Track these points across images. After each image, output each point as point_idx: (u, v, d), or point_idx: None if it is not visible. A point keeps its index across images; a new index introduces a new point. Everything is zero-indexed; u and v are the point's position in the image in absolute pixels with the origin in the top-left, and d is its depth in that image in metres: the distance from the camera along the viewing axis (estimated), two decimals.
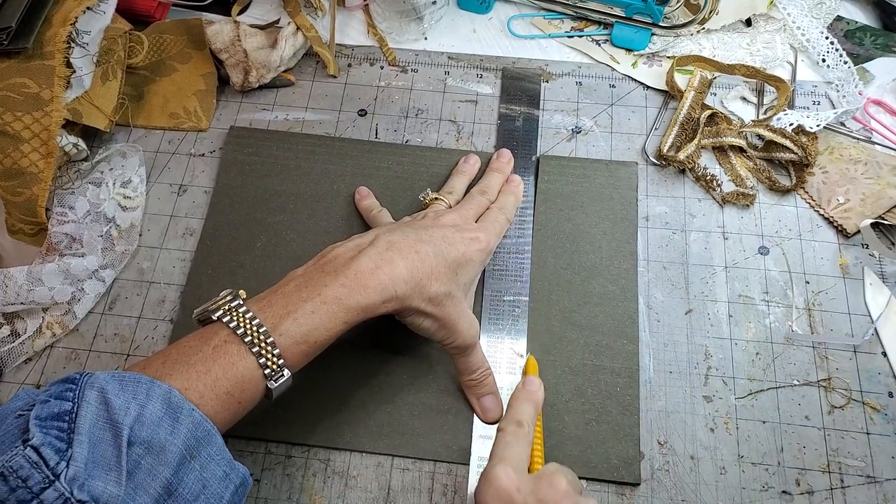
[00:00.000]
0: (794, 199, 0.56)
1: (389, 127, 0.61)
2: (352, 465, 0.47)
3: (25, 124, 0.51)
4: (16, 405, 0.34)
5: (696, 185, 0.57)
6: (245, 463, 0.46)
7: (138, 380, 0.35)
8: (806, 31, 0.63)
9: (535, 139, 0.59)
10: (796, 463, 0.46)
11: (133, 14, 0.62)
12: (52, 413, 0.33)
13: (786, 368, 0.49)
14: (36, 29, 0.52)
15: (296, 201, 0.56)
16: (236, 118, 0.61)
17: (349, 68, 0.64)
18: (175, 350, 0.38)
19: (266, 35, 0.62)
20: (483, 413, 0.48)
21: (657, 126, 0.60)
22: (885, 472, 0.46)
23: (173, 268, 0.54)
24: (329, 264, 0.42)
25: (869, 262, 0.53)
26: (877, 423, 0.48)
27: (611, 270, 0.53)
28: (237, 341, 0.38)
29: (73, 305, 0.52)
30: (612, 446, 0.47)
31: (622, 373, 0.49)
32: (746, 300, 0.52)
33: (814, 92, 0.61)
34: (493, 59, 0.64)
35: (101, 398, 0.34)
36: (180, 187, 0.58)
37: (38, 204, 0.52)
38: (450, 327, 0.44)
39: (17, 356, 0.51)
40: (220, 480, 0.36)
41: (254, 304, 0.40)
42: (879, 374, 0.49)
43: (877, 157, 0.56)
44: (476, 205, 0.52)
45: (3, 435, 0.32)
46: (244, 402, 0.38)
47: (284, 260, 0.54)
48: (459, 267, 0.45)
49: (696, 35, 0.64)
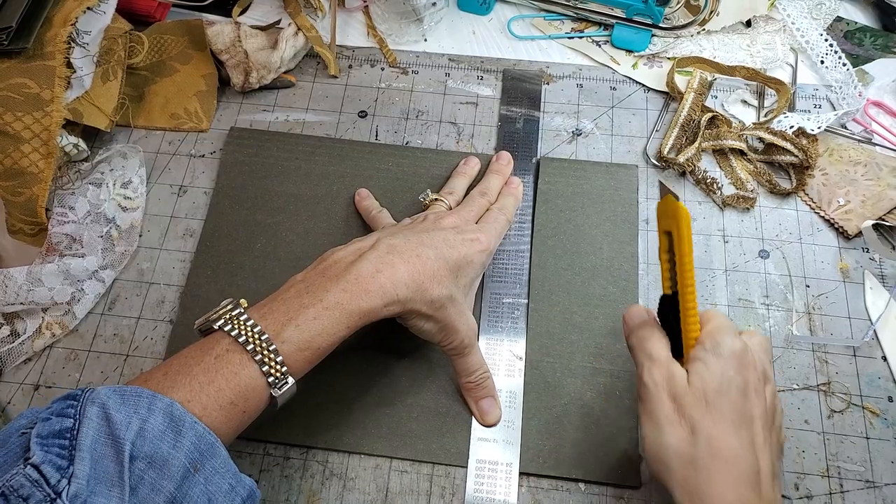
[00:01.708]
0: (795, 202, 0.56)
1: (390, 128, 0.61)
2: (350, 467, 0.47)
3: (26, 124, 0.51)
4: (20, 424, 0.34)
5: (697, 188, 0.57)
6: (243, 464, 0.47)
7: (140, 394, 0.35)
8: (805, 33, 0.63)
9: (535, 141, 0.59)
10: (795, 467, 0.46)
11: (133, 14, 0.62)
12: (54, 430, 0.32)
13: (785, 372, 0.49)
14: (36, 29, 0.52)
15: (296, 202, 0.56)
16: (237, 119, 0.61)
17: (350, 69, 0.64)
18: (177, 361, 0.38)
19: (267, 36, 0.62)
20: (481, 416, 0.48)
21: (658, 128, 0.60)
22: (884, 477, 0.46)
23: (173, 268, 0.54)
24: (330, 269, 0.42)
25: (869, 266, 0.53)
26: (876, 427, 0.47)
27: (611, 272, 0.53)
28: (239, 350, 0.37)
29: (72, 306, 0.52)
30: (611, 448, 0.47)
31: (622, 375, 0.49)
32: (746, 304, 0.52)
33: (815, 95, 0.61)
34: (494, 60, 0.64)
35: (103, 414, 0.33)
36: (180, 188, 0.58)
37: (39, 204, 0.52)
38: (449, 329, 0.44)
39: (16, 356, 0.51)
40: (225, 493, 0.35)
41: (255, 311, 0.40)
42: (879, 379, 0.49)
43: (876, 158, 0.56)
44: (476, 206, 0.52)
45: (7, 454, 0.32)
46: (248, 412, 0.38)
47: (284, 261, 0.54)
48: (460, 269, 0.45)
49: (696, 36, 0.64)
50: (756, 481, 0.35)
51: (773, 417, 0.38)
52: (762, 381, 0.37)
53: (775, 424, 0.38)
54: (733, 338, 0.37)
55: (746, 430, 0.36)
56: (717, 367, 0.36)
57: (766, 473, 0.35)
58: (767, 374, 0.38)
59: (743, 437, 0.35)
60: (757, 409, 0.36)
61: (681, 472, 0.35)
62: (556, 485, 0.46)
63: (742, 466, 0.35)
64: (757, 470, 0.35)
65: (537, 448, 0.47)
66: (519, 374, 0.49)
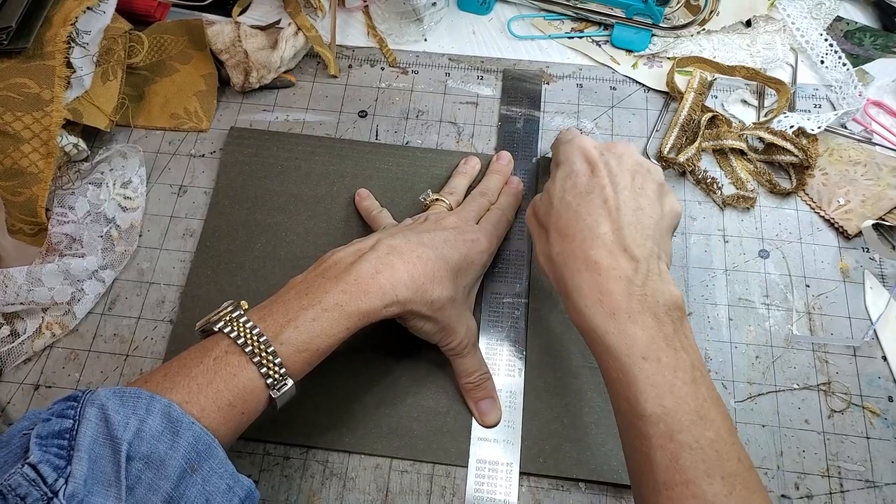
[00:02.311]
0: (795, 202, 0.56)
1: (390, 128, 0.61)
2: (350, 467, 0.47)
3: (26, 124, 0.51)
4: (22, 425, 0.34)
5: (697, 188, 0.57)
6: (243, 464, 0.47)
7: (138, 395, 0.35)
8: (805, 33, 0.63)
9: (535, 141, 0.59)
10: (795, 467, 0.46)
11: (133, 14, 0.62)
12: (53, 431, 0.33)
13: (786, 372, 0.49)
14: (36, 29, 0.52)
15: (296, 202, 0.56)
16: (237, 119, 0.61)
17: (350, 69, 0.64)
18: (176, 363, 0.38)
19: (267, 36, 0.62)
20: (481, 416, 0.48)
21: (658, 128, 0.60)
22: (884, 477, 0.46)
23: (173, 268, 0.54)
24: (329, 270, 0.42)
25: (869, 266, 0.53)
26: (876, 427, 0.47)
27: None
28: (238, 352, 0.38)
29: (72, 306, 0.52)
30: (611, 448, 0.47)
31: None
32: (746, 303, 0.52)
33: (815, 95, 0.61)
34: (494, 60, 0.64)
35: (101, 414, 0.33)
36: (180, 188, 0.58)
37: (39, 204, 0.52)
38: (449, 330, 0.44)
39: (16, 356, 0.51)
40: (223, 494, 0.35)
41: (255, 313, 0.40)
42: (879, 379, 0.49)
43: (876, 158, 0.56)
44: (477, 206, 0.52)
45: (8, 454, 0.33)
46: (247, 413, 0.38)
47: (284, 261, 0.54)
48: (461, 270, 0.45)
49: (696, 36, 0.64)
50: (614, 249, 0.39)
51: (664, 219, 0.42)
52: (611, 175, 0.42)
53: (664, 220, 0.42)
54: (580, 159, 0.43)
55: (588, 206, 0.41)
56: (559, 176, 0.44)
57: (628, 237, 0.39)
58: (635, 169, 0.43)
59: (587, 212, 0.40)
60: (597, 197, 0.41)
61: (553, 273, 0.41)
62: (557, 484, 0.46)
63: (589, 237, 0.39)
64: (612, 239, 0.39)
65: (537, 448, 0.47)
66: (519, 374, 0.49)
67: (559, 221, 0.41)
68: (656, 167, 0.44)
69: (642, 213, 0.40)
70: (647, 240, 0.39)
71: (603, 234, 0.39)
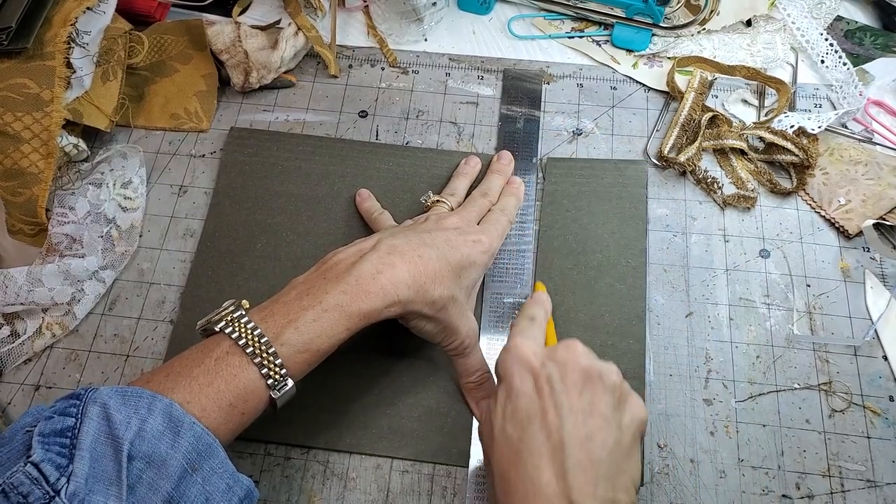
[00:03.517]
0: (796, 201, 0.56)
1: (390, 128, 0.61)
2: (351, 467, 0.47)
3: (26, 124, 0.51)
4: (25, 422, 0.34)
5: (697, 188, 0.57)
6: (243, 464, 0.47)
7: (140, 394, 0.35)
8: (805, 32, 0.63)
9: (536, 141, 0.59)
10: (796, 467, 0.46)
11: (133, 14, 0.62)
12: (55, 429, 0.33)
13: (786, 372, 0.49)
14: (36, 29, 0.52)
15: (296, 202, 0.56)
16: (237, 119, 0.61)
17: (350, 69, 0.64)
18: (178, 363, 0.38)
19: (267, 36, 0.62)
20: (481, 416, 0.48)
21: (658, 128, 0.60)
22: (885, 477, 0.46)
23: (173, 269, 0.54)
24: (330, 271, 0.42)
25: (870, 265, 0.53)
26: (877, 427, 0.47)
27: (618, 269, 0.53)
28: (239, 352, 0.38)
29: (72, 306, 0.52)
30: None
31: (627, 373, 0.49)
32: (747, 303, 0.52)
33: (815, 94, 0.61)
34: (494, 60, 0.64)
35: (103, 413, 0.34)
36: (180, 188, 0.58)
37: (39, 204, 0.52)
38: (450, 330, 0.44)
39: (16, 357, 0.51)
40: (223, 493, 0.36)
41: (256, 313, 0.40)
42: (880, 378, 0.49)
43: (877, 157, 0.56)
44: (478, 207, 0.52)
45: (10, 451, 0.33)
46: (248, 413, 0.38)
47: (284, 261, 0.54)
48: (462, 270, 0.45)
49: (696, 36, 0.64)
50: None
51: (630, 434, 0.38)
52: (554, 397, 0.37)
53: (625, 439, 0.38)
54: (520, 372, 0.39)
55: (529, 443, 0.36)
56: (500, 397, 0.40)
57: (574, 487, 0.34)
58: (587, 377, 0.38)
59: (528, 453, 0.36)
60: (538, 430, 0.37)
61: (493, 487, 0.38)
62: None
63: (531, 491, 0.35)
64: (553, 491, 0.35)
65: None
66: None
67: (501, 462, 0.37)
68: (609, 367, 0.39)
69: (592, 445, 0.36)
70: (597, 486, 0.35)
71: (545, 486, 0.35)
